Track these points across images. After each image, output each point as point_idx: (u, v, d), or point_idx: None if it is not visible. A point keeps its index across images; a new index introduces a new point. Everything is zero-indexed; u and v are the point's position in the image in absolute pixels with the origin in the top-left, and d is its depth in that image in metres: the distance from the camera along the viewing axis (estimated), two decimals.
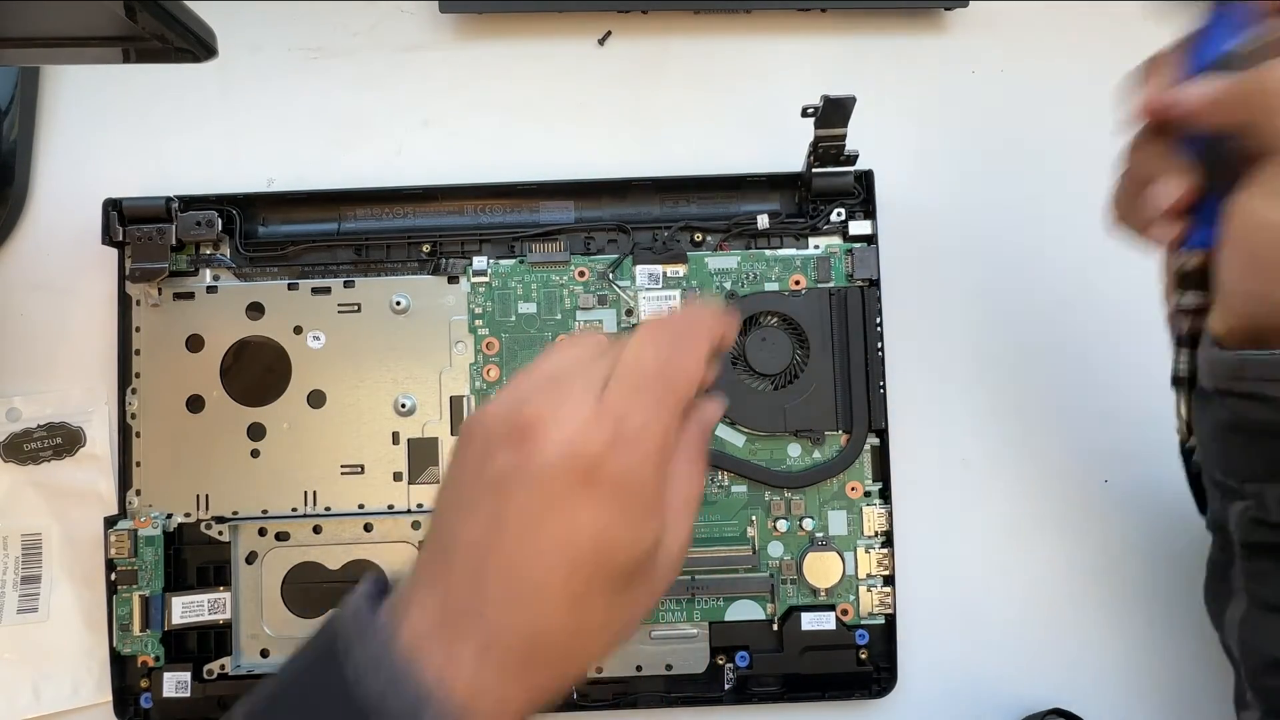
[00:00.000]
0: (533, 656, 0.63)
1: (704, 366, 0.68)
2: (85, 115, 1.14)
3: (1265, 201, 0.70)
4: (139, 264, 1.05)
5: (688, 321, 0.70)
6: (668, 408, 0.66)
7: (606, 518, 0.63)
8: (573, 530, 0.62)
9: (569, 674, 0.66)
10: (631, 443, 0.63)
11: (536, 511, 0.62)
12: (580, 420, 0.63)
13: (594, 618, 0.65)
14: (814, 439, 1.07)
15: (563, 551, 0.62)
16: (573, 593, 0.63)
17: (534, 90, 1.15)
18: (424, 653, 0.61)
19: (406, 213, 1.11)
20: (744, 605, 1.06)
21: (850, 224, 1.08)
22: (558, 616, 0.63)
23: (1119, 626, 1.10)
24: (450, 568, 0.64)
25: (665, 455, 0.66)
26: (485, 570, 0.63)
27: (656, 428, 0.65)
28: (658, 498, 0.66)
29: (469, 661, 0.61)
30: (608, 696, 1.07)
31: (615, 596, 0.65)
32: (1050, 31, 1.17)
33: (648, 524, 0.65)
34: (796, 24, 1.16)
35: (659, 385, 0.66)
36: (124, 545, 1.04)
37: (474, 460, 0.66)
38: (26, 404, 1.09)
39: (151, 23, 0.74)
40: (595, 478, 0.62)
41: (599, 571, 0.63)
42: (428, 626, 0.63)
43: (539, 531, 0.62)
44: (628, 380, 0.65)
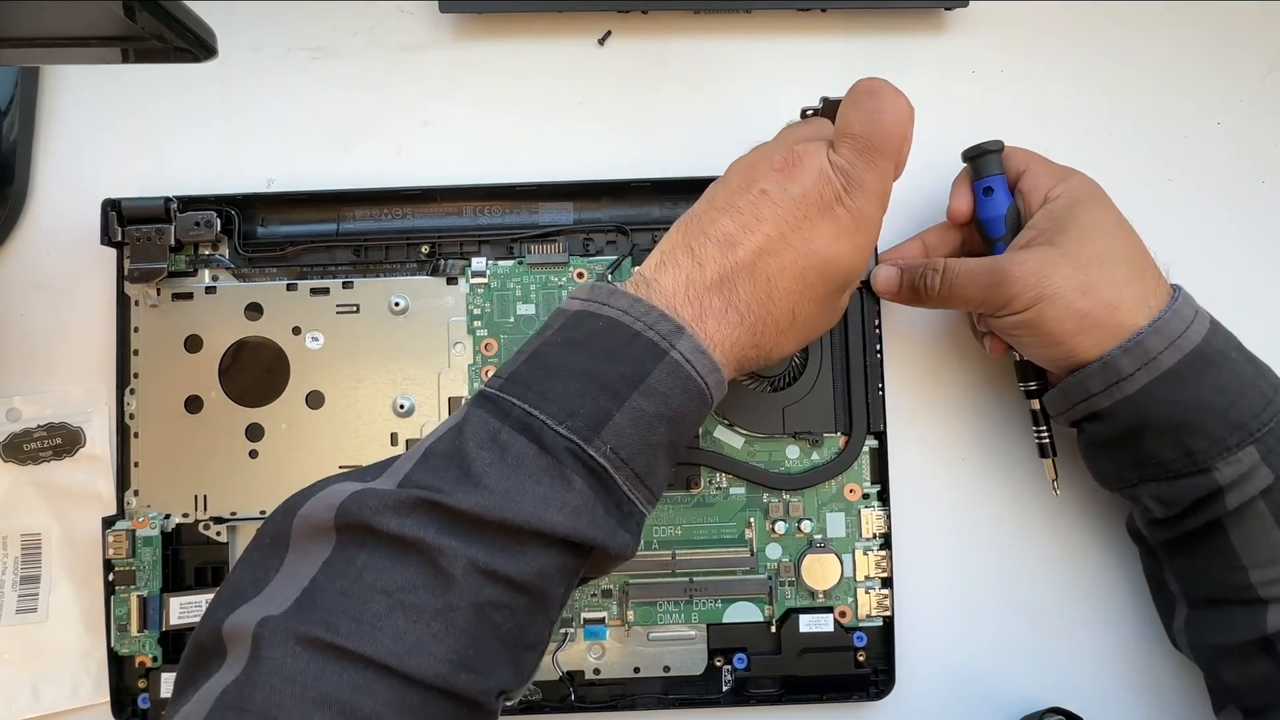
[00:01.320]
0: (755, 328, 0.83)
1: (907, 127, 0.86)
2: (85, 115, 1.14)
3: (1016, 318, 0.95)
4: (137, 264, 1.05)
5: (886, 93, 0.86)
6: (883, 160, 0.84)
7: (840, 239, 0.84)
8: (812, 242, 0.83)
9: (776, 350, 0.87)
10: (860, 189, 0.83)
11: (787, 221, 0.83)
12: (827, 167, 0.84)
13: (807, 310, 0.85)
14: (812, 441, 1.07)
15: (800, 252, 0.83)
16: (797, 285, 0.83)
17: (534, 90, 1.15)
18: (678, 304, 0.81)
19: (405, 213, 1.10)
20: (742, 607, 1.06)
21: None
22: (782, 300, 0.83)
23: (1117, 626, 1.10)
24: (703, 250, 0.83)
25: (884, 202, 0.87)
26: (735, 254, 0.82)
27: (876, 179, 0.84)
28: (876, 235, 0.88)
29: (715, 316, 0.82)
30: (606, 698, 1.07)
31: (822, 301, 0.86)
32: (1050, 31, 1.16)
33: (865, 252, 0.87)
34: (796, 24, 1.16)
35: (873, 144, 0.84)
36: (122, 546, 1.04)
37: (742, 178, 0.87)
38: (27, 404, 1.09)
39: (150, 22, 0.74)
40: (834, 209, 0.83)
41: (822, 279, 0.84)
42: (680, 289, 0.82)
43: (786, 234, 0.83)
44: (849, 143, 0.84)
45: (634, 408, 0.77)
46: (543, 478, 0.74)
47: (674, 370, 0.78)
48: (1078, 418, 0.98)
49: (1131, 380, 0.90)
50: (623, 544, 0.78)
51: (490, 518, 0.71)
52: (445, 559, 0.70)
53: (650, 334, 0.79)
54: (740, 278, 0.82)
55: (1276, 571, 0.90)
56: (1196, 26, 1.17)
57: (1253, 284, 1.14)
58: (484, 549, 0.72)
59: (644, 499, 0.80)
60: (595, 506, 0.75)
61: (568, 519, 0.73)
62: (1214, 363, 0.90)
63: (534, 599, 0.74)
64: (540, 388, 0.77)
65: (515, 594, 0.73)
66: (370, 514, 0.71)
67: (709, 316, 0.81)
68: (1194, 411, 0.89)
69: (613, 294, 0.81)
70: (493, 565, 0.71)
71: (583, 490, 0.75)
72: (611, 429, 0.76)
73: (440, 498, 0.72)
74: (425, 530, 0.71)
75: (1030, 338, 0.95)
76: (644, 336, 0.79)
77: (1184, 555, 0.97)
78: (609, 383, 0.77)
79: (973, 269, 0.96)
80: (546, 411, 0.75)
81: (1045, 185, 0.99)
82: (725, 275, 0.82)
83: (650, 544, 1.07)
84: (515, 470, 0.74)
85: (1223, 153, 1.15)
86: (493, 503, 0.72)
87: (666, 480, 0.83)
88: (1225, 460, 0.89)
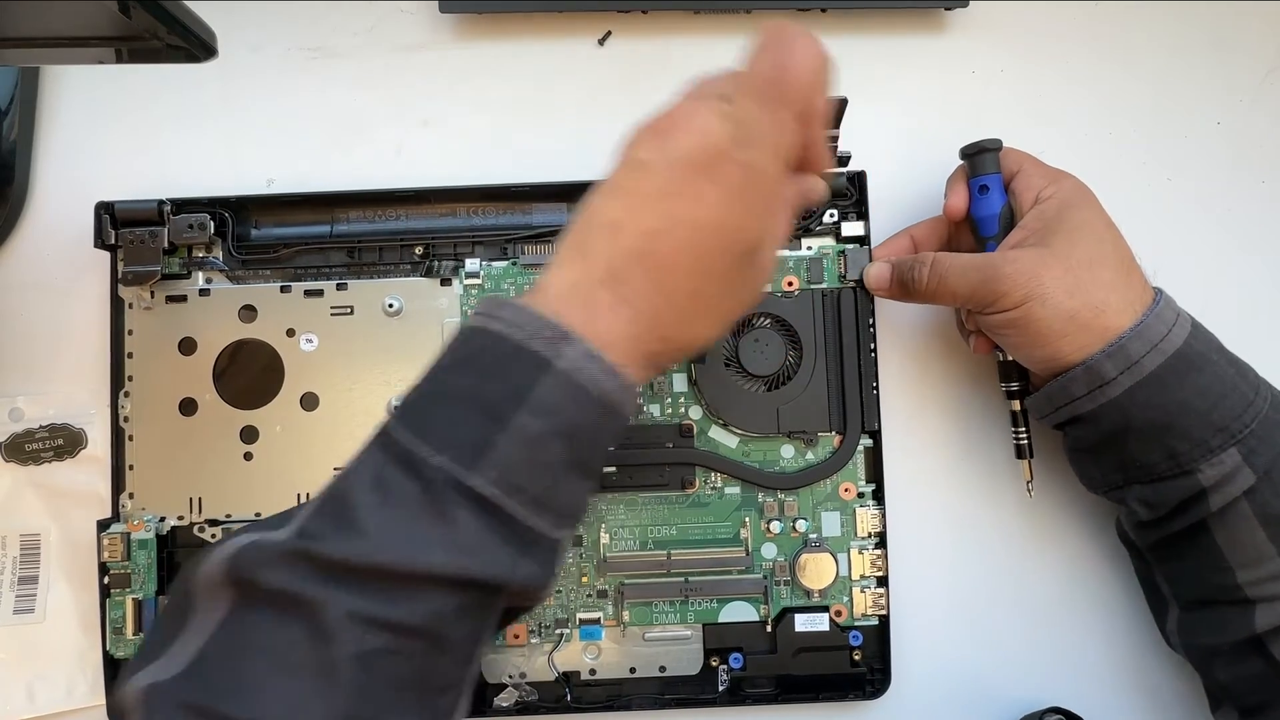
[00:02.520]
0: (658, 316, 0.76)
1: (815, 75, 0.79)
2: (85, 115, 1.14)
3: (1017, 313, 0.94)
4: (131, 267, 1.06)
5: (794, 36, 0.79)
6: (784, 110, 0.78)
7: (729, 201, 0.75)
8: (699, 208, 0.74)
9: (684, 339, 0.79)
10: (751, 140, 0.75)
11: (669, 191, 0.75)
12: (711, 120, 0.75)
13: (713, 289, 0.78)
14: (807, 440, 1.07)
15: (689, 226, 0.75)
16: (695, 265, 0.75)
17: (534, 90, 1.15)
18: (566, 306, 0.74)
19: (399, 215, 1.10)
20: (737, 607, 1.06)
21: (843, 225, 1.08)
22: (680, 284, 0.76)
23: (1115, 625, 1.10)
24: (590, 242, 0.76)
25: (780, 159, 0.79)
26: (621, 240, 0.75)
27: (771, 129, 0.77)
28: (774, 194, 0.79)
29: (605, 314, 0.74)
30: (602, 698, 1.07)
31: (728, 275, 0.78)
32: (1050, 31, 1.16)
33: (764, 215, 0.78)
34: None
35: (772, 89, 0.77)
36: (117, 549, 1.04)
37: (625, 150, 0.78)
38: (29, 404, 1.10)
39: (147, 21, 0.74)
40: (720, 166, 0.74)
41: (721, 251, 0.76)
42: (567, 288, 0.75)
43: (669, 208, 0.74)
44: (747, 88, 0.77)
45: (520, 428, 0.72)
46: (423, 516, 0.71)
47: (562, 381, 0.73)
48: (1061, 421, 0.98)
49: (1114, 384, 0.91)
50: (527, 576, 0.75)
51: (364, 564, 0.70)
52: (323, 611, 0.68)
53: (534, 344, 0.73)
54: (630, 267, 0.75)
55: (1262, 571, 0.90)
56: (1196, 26, 1.17)
57: (1252, 284, 1.14)
58: (363, 597, 0.70)
59: (550, 524, 0.76)
60: (487, 540, 0.72)
61: (451, 558, 0.71)
62: (1196, 365, 0.91)
63: (432, 642, 0.72)
64: (423, 418, 0.75)
65: (407, 639, 0.71)
66: (253, 569, 0.70)
67: (599, 316, 0.75)
68: (1177, 414, 0.90)
69: (501, 305, 0.76)
70: (375, 613, 0.69)
71: (469, 524, 0.72)
72: (496, 455, 0.72)
73: (315, 546, 0.70)
74: (304, 584, 0.69)
75: (1018, 336, 0.95)
76: (527, 348, 0.73)
77: (1171, 558, 0.98)
78: (491, 404, 0.73)
79: (964, 265, 0.96)
80: (426, 443, 0.72)
81: (1037, 186, 0.99)
82: (613, 267, 0.75)
83: (646, 544, 1.07)
84: (396, 511, 0.71)
85: (1223, 153, 1.15)
86: (367, 548, 0.70)
87: (584, 498, 0.81)
88: (1208, 462, 0.90)
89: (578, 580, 1.07)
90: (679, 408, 1.08)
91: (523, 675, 1.06)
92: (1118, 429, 0.93)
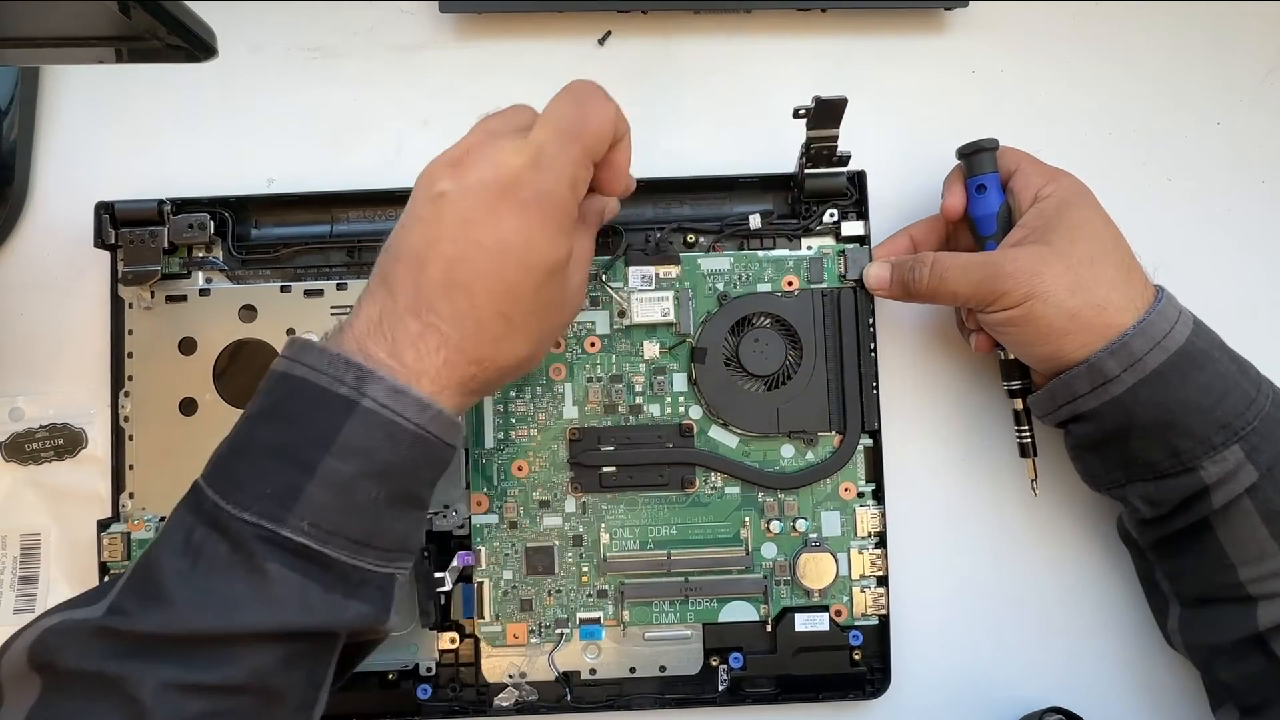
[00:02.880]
0: (465, 343, 0.78)
1: (609, 127, 0.83)
2: (85, 115, 1.14)
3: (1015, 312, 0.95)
4: (131, 267, 1.06)
5: (598, 92, 0.84)
6: (579, 147, 0.81)
7: (528, 224, 0.78)
8: (499, 232, 0.78)
9: (499, 360, 0.81)
10: (548, 167, 0.79)
11: (468, 217, 0.78)
12: (505, 151, 0.79)
13: (521, 309, 0.80)
14: (807, 440, 1.07)
15: (491, 250, 0.78)
16: (499, 286, 0.78)
17: (534, 90, 1.14)
18: (370, 343, 0.77)
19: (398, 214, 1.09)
20: (737, 606, 1.06)
21: (843, 225, 1.08)
22: (487, 306, 0.78)
23: (1115, 624, 1.10)
24: (394, 275, 0.79)
25: (576, 187, 0.82)
26: (424, 271, 0.78)
27: (568, 160, 0.80)
28: (570, 217, 0.82)
29: (409, 347, 0.77)
30: (602, 698, 1.07)
31: (535, 294, 0.80)
32: (1050, 31, 1.16)
33: (562, 236, 0.81)
34: (796, 24, 1.16)
35: (573, 128, 0.81)
36: (117, 548, 1.04)
37: (419, 193, 0.82)
38: (30, 404, 1.10)
39: (147, 21, 0.74)
40: (517, 191, 0.78)
41: (520, 270, 0.79)
42: (371, 325, 0.78)
43: (470, 233, 0.78)
44: (548, 124, 0.81)
45: (329, 473, 0.73)
46: (235, 575, 0.72)
47: (370, 420, 0.75)
48: (1064, 419, 0.98)
49: (1118, 382, 0.91)
50: (358, 617, 0.76)
51: (175, 634, 0.70)
52: (133, 685, 0.68)
53: (338, 387, 0.75)
54: (435, 294, 0.78)
55: (1265, 568, 0.90)
56: (1196, 26, 1.17)
57: (1252, 284, 1.14)
58: (178, 665, 0.70)
59: (376, 561, 0.77)
60: (305, 589, 0.73)
61: (266, 614, 0.71)
62: (1198, 363, 0.91)
63: (260, 697, 0.72)
64: (230, 473, 0.75)
65: (230, 698, 0.71)
66: (54, 653, 0.70)
67: (405, 348, 0.77)
68: (1179, 411, 0.90)
69: (305, 349, 0.78)
70: (190, 679, 0.69)
71: (284, 577, 0.72)
72: (306, 503, 0.73)
73: (120, 622, 0.70)
74: (107, 661, 0.69)
75: (1019, 335, 0.95)
76: (331, 391, 0.75)
77: (1173, 555, 0.98)
78: (298, 453, 0.74)
79: (964, 264, 0.96)
80: (233, 500, 0.73)
81: (1036, 185, 0.99)
82: (419, 296, 0.78)
83: (646, 544, 1.07)
84: (206, 576, 0.72)
85: (1223, 153, 1.15)
86: (176, 618, 0.70)
87: (416, 528, 0.82)
88: (1211, 459, 0.90)
89: (578, 580, 1.06)
90: (679, 408, 1.08)
91: (523, 675, 1.06)
92: (1120, 426, 0.93)
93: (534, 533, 1.07)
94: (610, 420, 1.08)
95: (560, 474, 1.07)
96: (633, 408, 1.07)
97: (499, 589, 1.06)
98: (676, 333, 1.07)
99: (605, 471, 1.06)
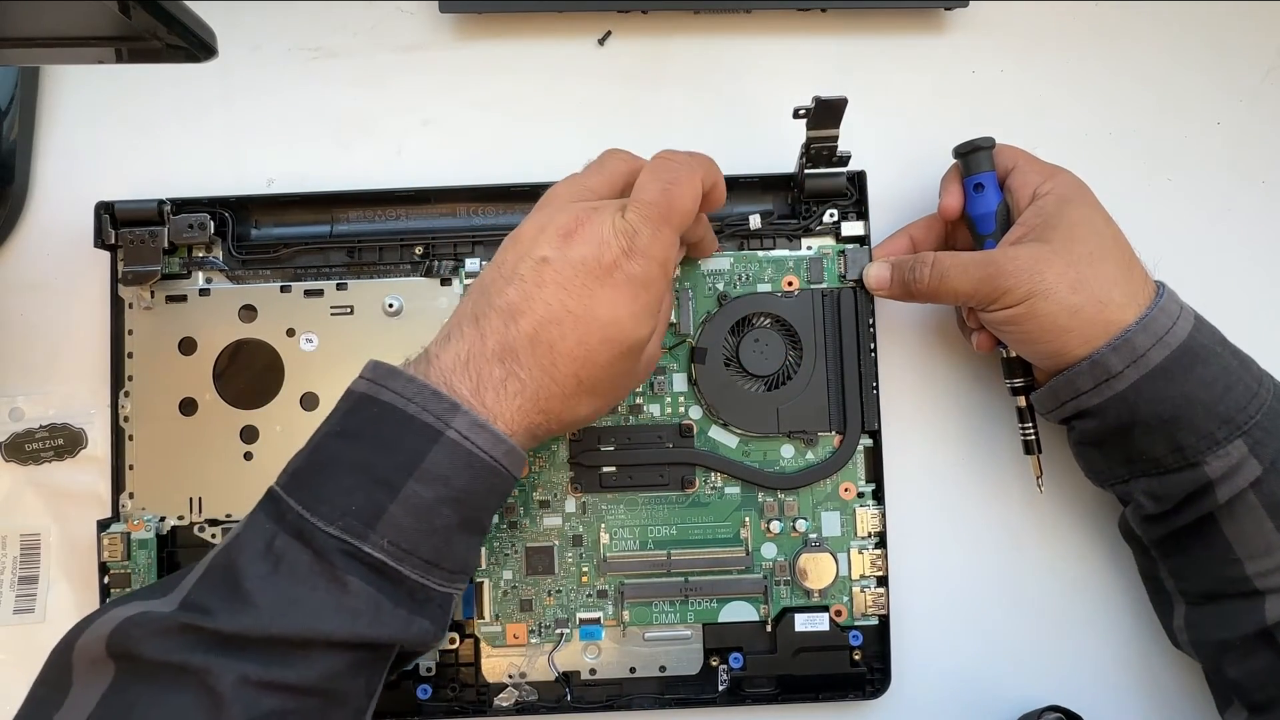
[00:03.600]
0: (539, 394, 0.84)
1: (696, 204, 0.89)
2: (85, 115, 1.14)
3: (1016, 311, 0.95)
4: (131, 267, 1.06)
5: (682, 169, 0.88)
6: (670, 230, 0.86)
7: (618, 302, 0.84)
8: (591, 304, 0.83)
9: (567, 415, 0.87)
10: (642, 253, 0.84)
11: (566, 286, 0.83)
12: (608, 233, 0.84)
13: (594, 375, 0.85)
14: (807, 440, 1.07)
15: (580, 318, 0.83)
16: (579, 351, 0.83)
17: (534, 90, 1.15)
18: (455, 379, 0.82)
19: (399, 215, 1.11)
20: (737, 607, 1.06)
21: (843, 225, 1.08)
22: (565, 366, 0.83)
23: (1115, 624, 1.10)
24: (486, 320, 0.84)
25: (667, 266, 0.87)
26: (516, 323, 0.83)
27: (659, 245, 0.85)
28: (658, 299, 0.88)
29: (490, 389, 0.82)
30: (602, 698, 1.07)
31: (611, 365, 0.85)
32: (1050, 31, 1.16)
33: (647, 317, 0.86)
34: (796, 24, 1.16)
35: (663, 213, 0.85)
36: (117, 548, 1.04)
37: (529, 243, 0.86)
38: (30, 404, 1.10)
39: (147, 21, 0.74)
40: (613, 274, 0.83)
41: (604, 344, 0.84)
42: (459, 363, 0.83)
43: (565, 300, 0.83)
44: (640, 208, 0.85)
45: (411, 496, 0.78)
46: (317, 584, 0.74)
47: (452, 450, 0.79)
48: (1067, 415, 0.98)
49: (1121, 378, 0.91)
50: (420, 632, 0.79)
51: (257, 635, 0.72)
52: (213, 678, 0.70)
53: (425, 416, 0.79)
54: (521, 347, 0.83)
55: (1271, 562, 0.91)
56: (1196, 26, 1.17)
57: (1253, 284, 1.14)
58: (256, 663, 0.72)
59: (441, 581, 0.81)
60: (379, 603, 0.76)
61: (344, 624, 0.74)
62: (1200, 358, 0.91)
63: (326, 699, 0.75)
64: (314, 487, 0.78)
65: (300, 698, 0.73)
66: (136, 643, 0.72)
67: (487, 389, 0.82)
68: (1183, 407, 0.90)
69: (391, 375, 0.82)
70: (267, 677, 0.72)
71: (362, 590, 0.75)
72: (387, 522, 0.77)
73: (205, 621, 0.72)
74: (192, 654, 0.71)
75: (1021, 332, 0.95)
76: (418, 420, 0.79)
77: (1179, 552, 0.98)
78: (383, 474, 0.78)
79: (965, 262, 0.96)
80: (318, 514, 0.76)
81: (1034, 183, 0.99)
82: (507, 346, 0.83)
83: (646, 544, 1.07)
84: (288, 581, 0.74)
85: (1223, 153, 1.15)
86: (260, 621, 0.72)
87: (475, 552, 0.86)
88: (1214, 454, 0.90)
89: (578, 580, 1.06)
90: (679, 408, 1.08)
91: (523, 675, 1.06)
92: (1124, 422, 0.93)
93: (534, 533, 1.07)
94: (610, 420, 1.08)
95: (560, 474, 1.07)
96: (632, 408, 1.08)
97: (499, 589, 1.06)
98: (676, 333, 1.07)
99: (605, 471, 1.07)
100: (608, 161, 0.95)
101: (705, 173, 0.91)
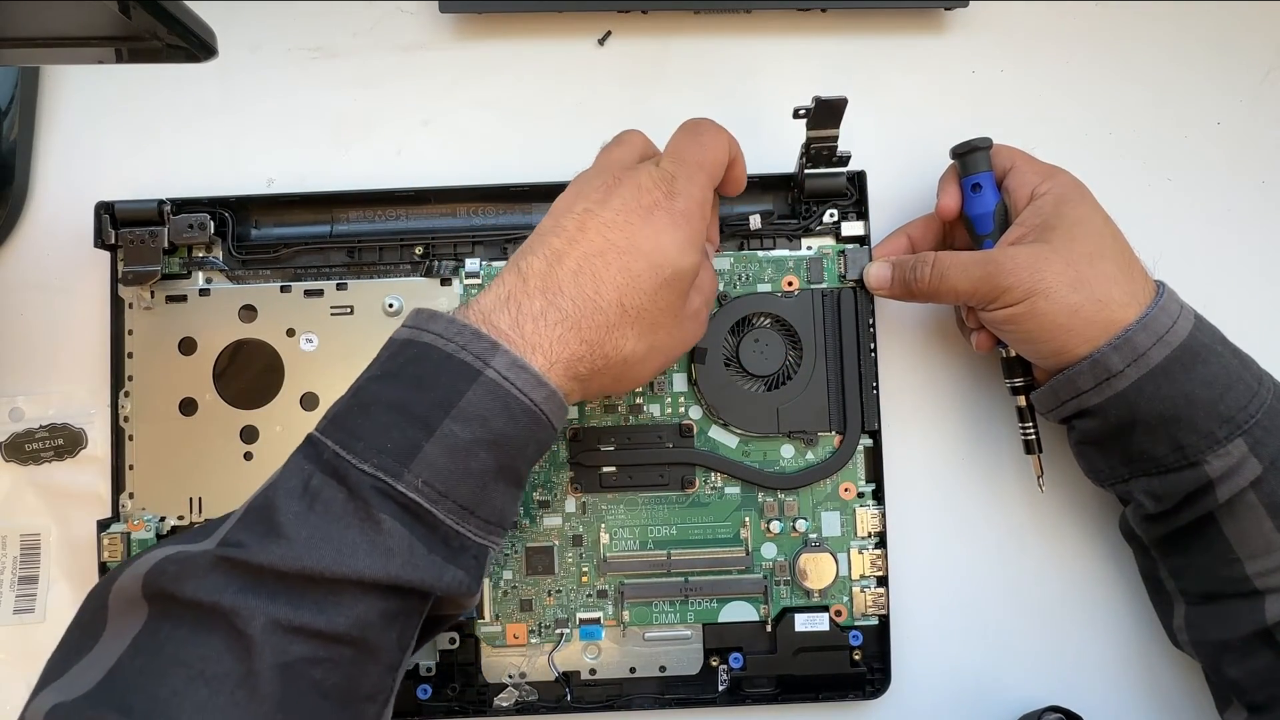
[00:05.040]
0: (582, 321, 0.83)
1: (726, 154, 0.91)
2: (85, 115, 1.14)
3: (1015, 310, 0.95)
4: (131, 267, 1.06)
5: (712, 125, 0.92)
6: (705, 175, 0.89)
7: (663, 232, 0.85)
8: (634, 235, 0.84)
9: (611, 347, 0.85)
10: (682, 193, 0.86)
11: (610, 224, 0.84)
12: (646, 178, 0.87)
13: (634, 303, 0.84)
14: (807, 440, 1.07)
15: (624, 249, 0.84)
16: (623, 277, 0.83)
17: (534, 90, 1.15)
18: (494, 315, 0.82)
19: (399, 215, 1.11)
20: (737, 607, 1.06)
21: (843, 225, 1.08)
22: (609, 293, 0.83)
23: (1115, 624, 1.10)
24: (528, 266, 0.84)
25: (705, 209, 0.89)
26: (561, 263, 0.83)
27: (697, 187, 0.87)
28: (700, 235, 0.88)
29: (530, 320, 0.81)
30: (602, 698, 1.07)
31: (653, 294, 0.85)
32: (1050, 31, 1.16)
33: (690, 248, 0.87)
34: (796, 24, 1.16)
35: (698, 159, 0.88)
36: (117, 549, 1.04)
37: (566, 203, 0.88)
38: (30, 404, 1.10)
39: (147, 21, 0.74)
40: (654, 211, 0.85)
41: (650, 269, 0.84)
42: (499, 301, 0.82)
43: (609, 235, 0.84)
44: (675, 157, 0.88)
45: (447, 435, 0.77)
46: (350, 521, 0.74)
47: (491, 390, 0.78)
48: (1067, 415, 0.98)
49: (1121, 377, 0.91)
50: (453, 581, 0.78)
51: (289, 569, 0.71)
52: (243, 620, 0.69)
53: (464, 355, 0.79)
54: (565, 280, 0.83)
55: (1271, 562, 0.91)
56: (1196, 26, 1.17)
57: (1253, 283, 1.14)
58: (287, 605, 0.71)
59: (477, 530, 0.80)
60: (413, 545, 0.75)
61: (377, 563, 0.73)
62: (1201, 357, 0.91)
63: (358, 649, 0.74)
64: (351, 426, 0.77)
65: (332, 646, 0.73)
66: (170, 581, 0.71)
67: (526, 319, 0.81)
68: (1183, 406, 0.90)
69: (432, 318, 0.82)
70: (298, 621, 0.71)
71: (395, 530, 0.74)
72: (422, 461, 0.76)
73: (238, 554, 0.71)
74: (222, 592, 0.70)
75: (1022, 331, 0.95)
76: (457, 358, 0.79)
77: (1179, 551, 0.98)
78: (419, 412, 0.77)
79: (965, 262, 0.96)
80: (353, 451, 0.75)
81: (1032, 182, 0.99)
82: (549, 281, 0.83)
83: (646, 544, 1.07)
84: (322, 518, 0.74)
85: (1223, 153, 1.15)
86: (292, 553, 0.71)
87: (512, 505, 0.84)
88: (1215, 453, 0.90)
89: (578, 580, 1.07)
90: (679, 408, 1.08)
91: (523, 675, 1.06)
92: (1124, 421, 0.93)
93: (534, 533, 1.07)
94: (610, 420, 1.08)
95: (560, 474, 1.07)
96: (632, 407, 1.08)
97: (499, 589, 1.06)
98: None
99: (605, 471, 1.07)
100: (627, 137, 0.95)
101: (732, 138, 0.93)
